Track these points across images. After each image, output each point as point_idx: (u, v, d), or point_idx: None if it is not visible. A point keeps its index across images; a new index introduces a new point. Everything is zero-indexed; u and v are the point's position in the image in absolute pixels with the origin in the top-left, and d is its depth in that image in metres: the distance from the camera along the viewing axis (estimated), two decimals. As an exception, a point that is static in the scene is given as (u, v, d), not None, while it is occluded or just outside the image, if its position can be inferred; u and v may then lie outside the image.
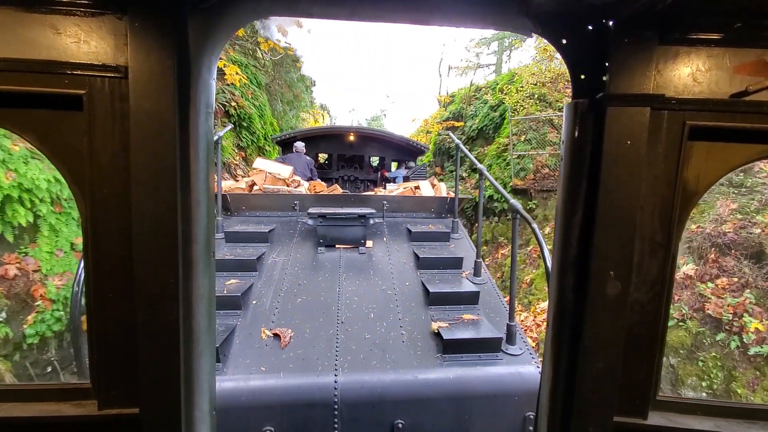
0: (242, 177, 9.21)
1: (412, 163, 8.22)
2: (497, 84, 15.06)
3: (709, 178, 1.11)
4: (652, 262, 1.14)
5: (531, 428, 2.46)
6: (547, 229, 9.14)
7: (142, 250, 1.04)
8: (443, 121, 16.43)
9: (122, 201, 1.05)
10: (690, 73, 1.06)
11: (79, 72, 1.00)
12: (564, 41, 1.13)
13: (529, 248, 9.46)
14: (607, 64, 1.05)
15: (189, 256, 1.11)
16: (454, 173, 13.32)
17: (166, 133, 1.01)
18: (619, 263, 1.10)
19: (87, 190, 1.05)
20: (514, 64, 18.27)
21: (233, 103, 10.51)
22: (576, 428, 1.16)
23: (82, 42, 1.00)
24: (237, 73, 10.79)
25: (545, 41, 1.20)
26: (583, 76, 1.14)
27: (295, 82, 15.98)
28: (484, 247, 10.30)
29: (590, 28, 1.09)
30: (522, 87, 12.60)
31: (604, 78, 1.06)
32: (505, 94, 13.16)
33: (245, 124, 11.16)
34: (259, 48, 13.35)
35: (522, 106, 12.03)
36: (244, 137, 11.14)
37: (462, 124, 15.36)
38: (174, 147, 1.02)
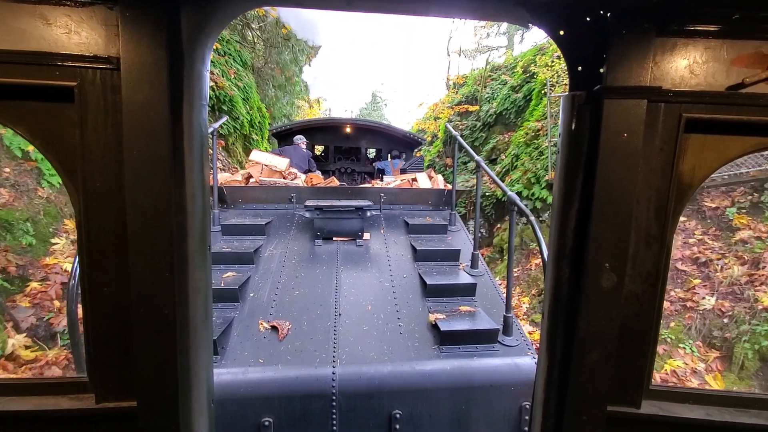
0: (220, 170, 8.81)
1: (396, 152, 8.18)
2: (519, 61, 13.28)
3: (704, 171, 1.12)
4: (647, 254, 1.14)
5: (527, 418, 2.50)
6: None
7: (137, 243, 1.04)
8: (455, 105, 14.72)
9: (116, 194, 1.04)
10: (687, 65, 1.06)
11: (69, 63, 0.98)
12: (561, 32, 1.13)
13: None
14: (604, 56, 1.05)
15: (184, 249, 1.11)
16: (466, 165, 12.70)
17: (158, 125, 1.00)
18: (615, 255, 1.10)
19: (80, 183, 1.04)
20: (527, 45, 16.69)
21: (210, 83, 9.10)
22: (570, 417, 1.18)
23: (73, 33, 0.98)
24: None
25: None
26: (580, 68, 1.13)
27: (288, 63, 14.62)
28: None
29: (588, 19, 1.08)
30: (559, 57, 9.99)
31: (602, 70, 1.06)
32: (541, 66, 11.00)
33: (226, 108, 9.63)
34: (250, 27, 12.31)
35: (563, 81, 9.60)
36: (225, 123, 9.62)
37: (477, 108, 13.74)
38: (167, 139, 1.01)
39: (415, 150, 8.86)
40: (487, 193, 10.16)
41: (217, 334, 2.59)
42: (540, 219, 8.46)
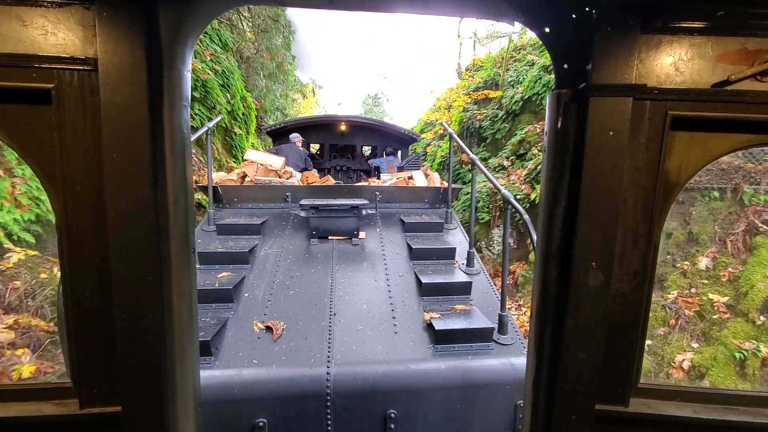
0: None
1: (390, 149, 8.13)
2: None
3: (690, 169, 1.11)
4: (634, 253, 1.14)
5: (522, 416, 2.49)
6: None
7: (118, 247, 1.03)
8: (472, 91, 12.53)
9: (96, 198, 1.03)
10: (672, 63, 1.05)
11: (46, 65, 0.97)
12: (547, 30, 1.12)
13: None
14: (590, 53, 1.04)
15: (167, 252, 1.10)
16: (487, 161, 10.74)
17: (138, 127, 0.99)
18: (601, 254, 1.10)
19: (59, 186, 1.03)
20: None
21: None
22: (558, 417, 1.18)
23: (50, 34, 0.96)
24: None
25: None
26: (566, 66, 1.12)
27: (278, 48, 12.98)
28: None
29: (573, 16, 1.08)
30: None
31: (587, 68, 1.05)
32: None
33: (198, 95, 8.13)
34: (240, 13, 11.02)
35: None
36: (197, 114, 7.98)
37: (500, 93, 11.55)
38: (147, 141, 1.00)
39: (411, 146, 8.81)
40: (518, 196, 8.49)
41: (211, 335, 2.58)
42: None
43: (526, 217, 2.73)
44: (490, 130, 11.51)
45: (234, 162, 9.50)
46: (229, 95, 9.32)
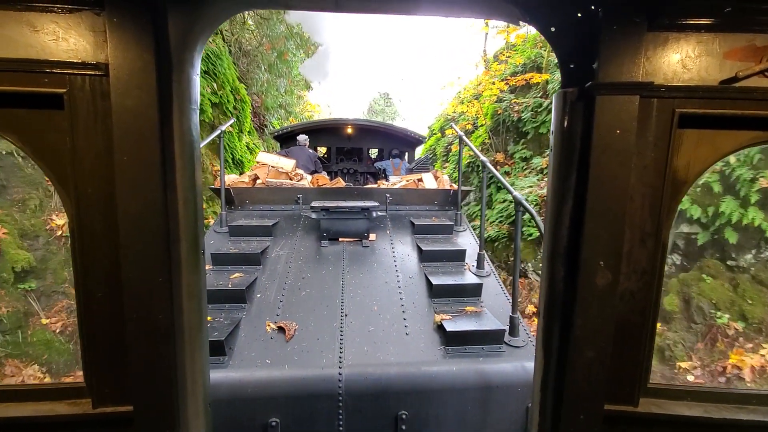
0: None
1: (396, 151, 8.07)
2: None
3: (698, 167, 1.10)
4: (642, 252, 1.13)
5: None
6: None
7: (129, 249, 1.05)
8: (510, 76, 10.68)
9: (108, 200, 1.05)
10: (679, 60, 1.04)
11: (58, 70, 0.99)
12: (553, 29, 1.12)
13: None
14: (596, 52, 1.04)
15: (177, 254, 1.12)
16: (528, 161, 9.03)
17: (148, 130, 1.01)
18: (609, 253, 1.09)
19: (72, 190, 1.06)
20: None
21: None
22: (567, 417, 1.17)
23: (61, 39, 0.99)
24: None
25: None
26: (572, 65, 1.12)
27: (278, 36, 11.72)
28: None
29: (579, 15, 1.07)
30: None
31: (594, 66, 1.05)
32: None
33: None
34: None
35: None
36: None
37: (546, 77, 9.56)
38: (157, 144, 1.02)
39: (427, 145, 8.74)
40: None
41: (224, 335, 2.63)
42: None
43: (538, 219, 2.70)
44: (531, 123, 9.48)
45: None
46: (215, 85, 8.13)
